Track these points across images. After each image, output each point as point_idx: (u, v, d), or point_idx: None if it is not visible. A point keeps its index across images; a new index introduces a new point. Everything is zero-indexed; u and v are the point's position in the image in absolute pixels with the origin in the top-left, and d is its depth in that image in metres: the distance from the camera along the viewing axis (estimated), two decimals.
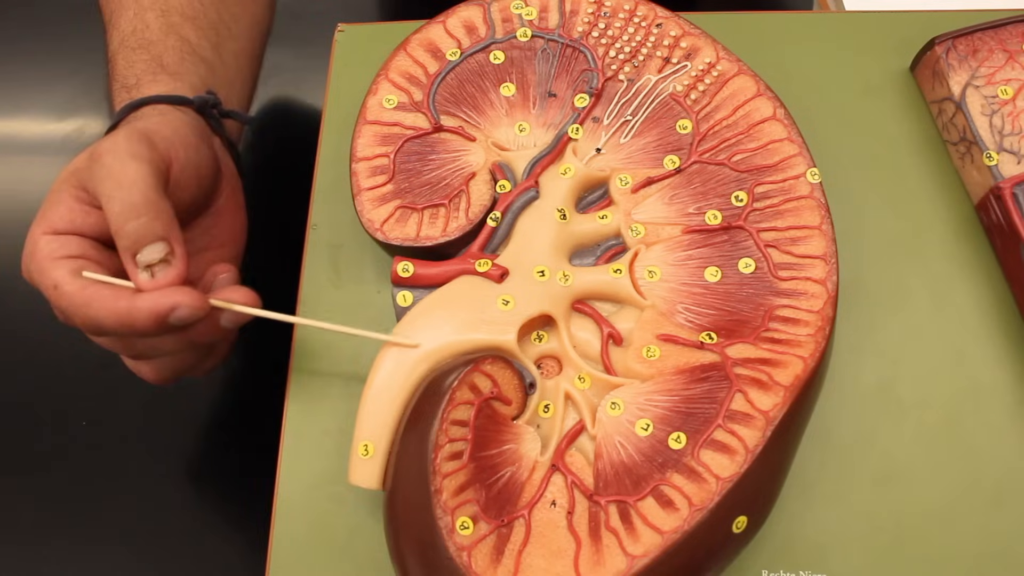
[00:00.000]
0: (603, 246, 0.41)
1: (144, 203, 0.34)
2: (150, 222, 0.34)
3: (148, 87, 0.43)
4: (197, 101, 0.42)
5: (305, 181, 0.46)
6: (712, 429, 0.35)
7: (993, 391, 0.41)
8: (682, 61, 0.44)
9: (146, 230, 0.34)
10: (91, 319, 0.34)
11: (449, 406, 0.35)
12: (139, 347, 0.37)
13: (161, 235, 0.35)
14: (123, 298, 0.34)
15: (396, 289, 0.39)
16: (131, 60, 0.44)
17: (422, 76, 0.44)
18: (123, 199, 0.34)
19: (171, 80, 0.43)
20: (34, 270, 0.36)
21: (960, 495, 0.39)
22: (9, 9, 0.74)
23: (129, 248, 0.34)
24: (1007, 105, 0.44)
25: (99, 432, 0.56)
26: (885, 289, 0.43)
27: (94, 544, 0.53)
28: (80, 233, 0.36)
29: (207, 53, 0.46)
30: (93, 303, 0.34)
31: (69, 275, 0.35)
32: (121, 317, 0.34)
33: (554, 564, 0.33)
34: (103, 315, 0.34)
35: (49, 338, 0.57)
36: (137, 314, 0.34)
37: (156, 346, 0.37)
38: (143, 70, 0.43)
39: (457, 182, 0.41)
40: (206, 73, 0.45)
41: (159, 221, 0.35)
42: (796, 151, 0.41)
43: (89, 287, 0.34)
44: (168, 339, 0.36)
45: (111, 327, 0.34)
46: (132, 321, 0.34)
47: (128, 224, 0.34)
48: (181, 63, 0.44)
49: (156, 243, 0.34)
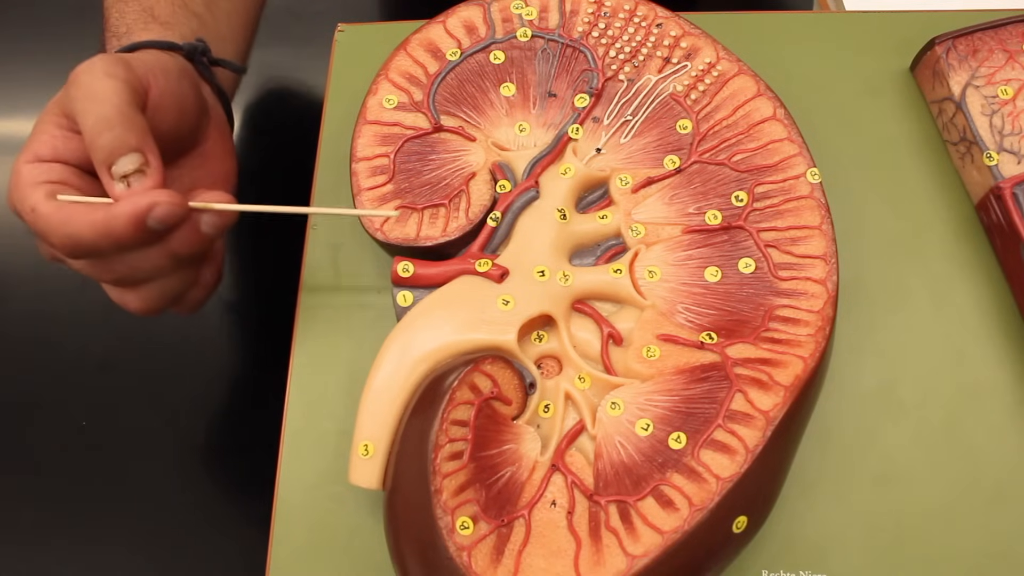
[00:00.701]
0: (603, 246, 0.41)
1: (117, 115, 0.34)
2: (123, 133, 0.34)
3: (138, 35, 0.43)
4: (186, 47, 0.43)
5: (305, 181, 0.46)
6: (712, 429, 0.35)
7: (993, 391, 0.41)
8: (682, 61, 0.44)
9: (119, 141, 0.34)
10: (70, 236, 0.34)
11: (449, 406, 0.35)
12: (121, 268, 0.36)
13: (134, 146, 0.34)
14: (101, 209, 0.34)
15: (396, 289, 0.39)
16: (123, 11, 0.44)
17: (422, 76, 0.44)
18: (96, 112, 0.34)
19: (161, 29, 0.43)
20: (15, 198, 0.35)
21: (960, 495, 0.39)
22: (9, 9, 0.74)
23: (103, 160, 0.34)
24: (1007, 105, 0.44)
25: (99, 432, 0.56)
26: (885, 289, 0.43)
27: (94, 544, 0.53)
28: (62, 160, 0.36)
29: (199, 8, 0.46)
30: (71, 220, 0.34)
31: (46, 197, 0.35)
32: (99, 227, 0.33)
33: (554, 564, 0.33)
34: (82, 229, 0.34)
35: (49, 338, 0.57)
36: (115, 221, 0.33)
37: (138, 264, 0.36)
38: (134, 20, 0.44)
39: (457, 182, 0.41)
40: (197, 26, 0.45)
41: (132, 133, 0.34)
42: (796, 151, 0.41)
43: (66, 206, 0.34)
44: (150, 254, 0.35)
45: (90, 240, 0.34)
46: (111, 229, 0.33)
47: (101, 136, 0.34)
48: (172, 15, 0.45)
49: (130, 154, 0.34)
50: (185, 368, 0.60)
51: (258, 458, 0.43)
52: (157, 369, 0.60)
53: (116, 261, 0.36)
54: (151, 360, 0.60)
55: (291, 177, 0.51)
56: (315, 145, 0.47)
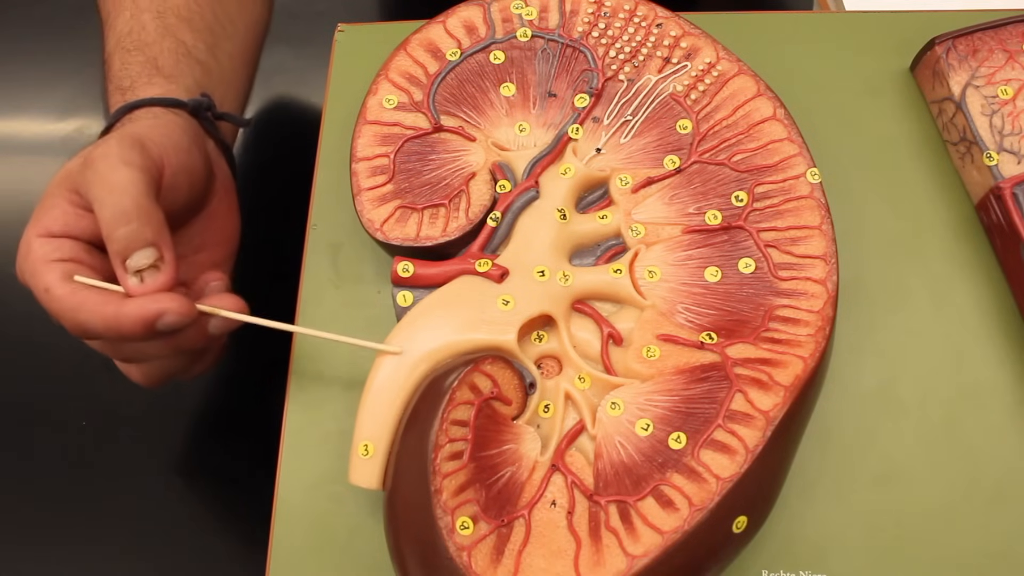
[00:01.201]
0: (603, 246, 0.41)
1: (135, 209, 0.35)
2: (140, 228, 0.35)
3: (143, 89, 0.43)
4: (191, 104, 0.43)
5: (305, 181, 0.46)
6: (712, 429, 0.35)
7: (993, 391, 0.41)
8: (682, 61, 0.44)
9: (136, 236, 0.35)
10: (80, 323, 0.35)
11: (449, 406, 0.35)
12: (128, 351, 0.37)
13: (151, 241, 0.35)
14: (111, 303, 0.34)
15: (396, 289, 0.39)
16: (126, 61, 0.44)
17: (422, 76, 0.44)
18: (114, 204, 0.35)
19: (166, 83, 0.43)
20: (27, 272, 0.36)
21: (960, 495, 0.39)
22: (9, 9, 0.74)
23: (119, 253, 0.35)
24: (1007, 105, 0.44)
25: (99, 432, 0.56)
26: (885, 289, 0.43)
27: (94, 544, 0.53)
28: (73, 236, 0.36)
29: (203, 55, 0.46)
30: (82, 308, 0.34)
31: (60, 279, 0.35)
32: (109, 322, 0.34)
33: (554, 564, 0.33)
34: (92, 320, 0.34)
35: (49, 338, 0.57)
36: (124, 320, 0.34)
37: (144, 351, 0.37)
38: (138, 72, 0.43)
39: (457, 182, 0.41)
40: (201, 75, 0.45)
41: (149, 227, 0.35)
42: (796, 151, 0.41)
43: (79, 291, 0.35)
44: (156, 344, 0.36)
45: (99, 331, 0.35)
46: (119, 326, 0.34)
47: (118, 230, 0.34)
48: (176, 65, 0.44)
49: (145, 249, 0.35)
50: None
51: (258, 458, 0.43)
52: None
53: (123, 346, 0.37)
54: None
55: (291, 177, 0.50)
56: (315, 145, 0.47)
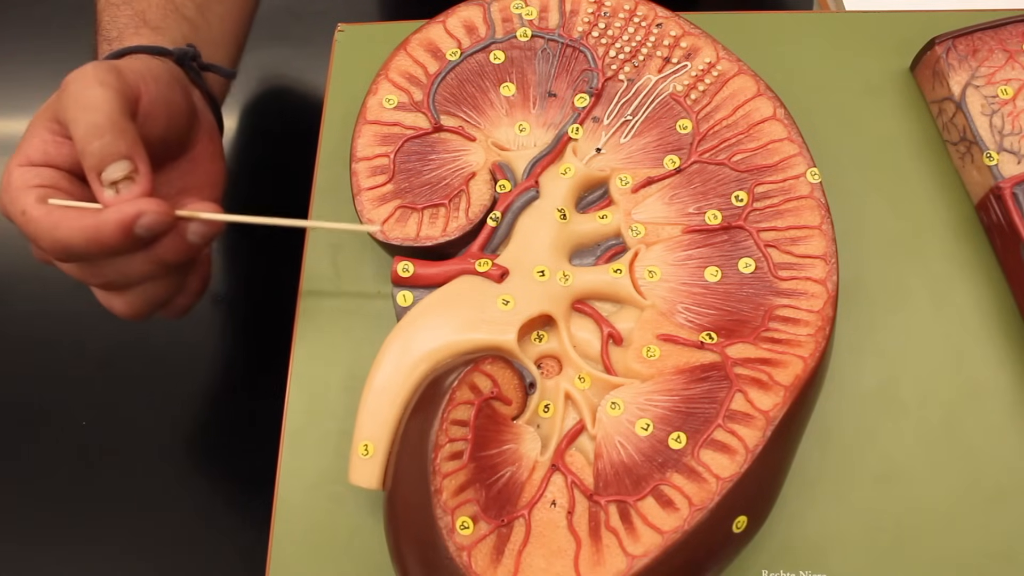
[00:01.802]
0: (603, 246, 0.41)
1: (108, 123, 0.35)
2: (113, 141, 0.35)
3: (130, 39, 0.43)
4: (176, 52, 0.43)
5: (305, 181, 0.46)
6: (712, 429, 0.35)
7: (993, 391, 0.41)
8: (682, 61, 0.44)
9: (110, 148, 0.35)
10: (59, 240, 0.35)
11: (449, 406, 0.35)
12: (109, 273, 0.37)
13: (124, 153, 0.35)
14: (89, 215, 0.34)
15: (396, 289, 0.39)
16: (114, 15, 0.45)
17: (422, 76, 0.44)
18: (87, 120, 0.35)
19: (153, 34, 0.44)
20: (5, 200, 0.36)
21: (960, 495, 0.39)
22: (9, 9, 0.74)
23: (94, 167, 0.35)
24: (1007, 105, 0.44)
25: (99, 432, 0.56)
26: (885, 289, 0.43)
27: (94, 544, 0.53)
28: (53, 164, 0.37)
29: (190, 12, 0.47)
30: (60, 224, 0.34)
31: (36, 201, 0.35)
32: (87, 233, 0.34)
33: (554, 564, 0.33)
34: (71, 234, 0.34)
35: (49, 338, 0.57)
36: (103, 227, 0.34)
37: (125, 270, 0.37)
38: (125, 24, 0.44)
39: (457, 182, 0.41)
40: (189, 31, 0.46)
41: (123, 140, 0.35)
42: (796, 151, 0.41)
43: (56, 210, 0.35)
44: (137, 260, 0.36)
45: (79, 245, 0.35)
46: (99, 235, 0.34)
47: (92, 144, 0.35)
48: (164, 19, 0.45)
49: (120, 161, 0.35)
50: (185, 368, 0.60)
51: (258, 458, 0.43)
52: (157, 369, 0.60)
53: (104, 266, 0.36)
54: (151, 360, 0.60)
55: (291, 177, 0.51)
56: (315, 145, 0.47)
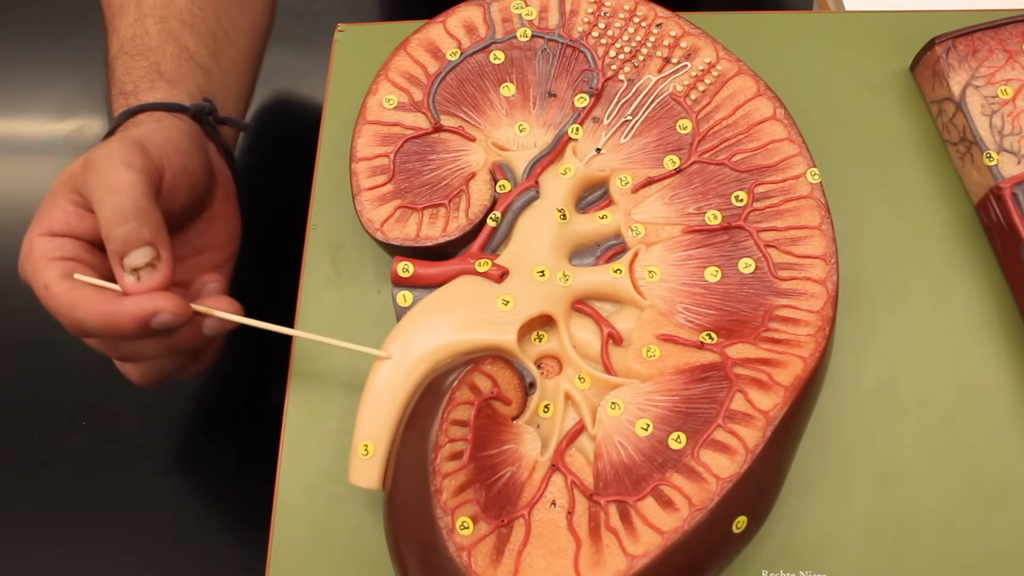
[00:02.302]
0: (603, 246, 0.41)
1: (133, 209, 0.35)
2: (138, 227, 0.35)
3: (145, 94, 0.43)
4: (193, 108, 0.43)
5: (305, 181, 0.46)
6: (712, 429, 0.35)
7: (993, 391, 0.41)
8: (682, 61, 0.44)
9: (134, 235, 0.35)
10: (77, 320, 0.35)
11: (449, 406, 0.35)
12: (124, 350, 0.38)
13: (148, 240, 0.35)
14: (108, 301, 0.35)
15: (396, 289, 0.39)
16: (129, 66, 0.45)
17: (422, 76, 0.44)
18: (113, 204, 0.35)
19: (168, 88, 0.44)
20: (28, 270, 0.37)
21: (960, 495, 0.39)
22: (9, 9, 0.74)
23: (117, 252, 0.35)
24: (1007, 105, 0.44)
25: (99, 432, 0.56)
26: (885, 289, 0.43)
27: (94, 544, 0.53)
28: (75, 236, 0.37)
29: (205, 59, 0.46)
30: (80, 305, 0.35)
31: (59, 276, 0.36)
32: (105, 320, 0.35)
33: (554, 564, 0.33)
34: (88, 317, 0.35)
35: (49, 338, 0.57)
36: (120, 317, 0.35)
37: (140, 350, 0.38)
38: (141, 77, 0.44)
39: (457, 182, 0.41)
40: (203, 80, 0.46)
41: (147, 227, 0.35)
42: (796, 151, 0.41)
43: (77, 289, 0.35)
44: (152, 343, 0.37)
45: (95, 329, 0.35)
46: (115, 324, 0.35)
47: (117, 229, 0.35)
48: (178, 70, 0.45)
49: (143, 248, 0.35)
50: None
51: (258, 458, 0.43)
52: None
53: (120, 345, 0.37)
54: None
55: (291, 177, 0.50)
56: (315, 145, 0.47)
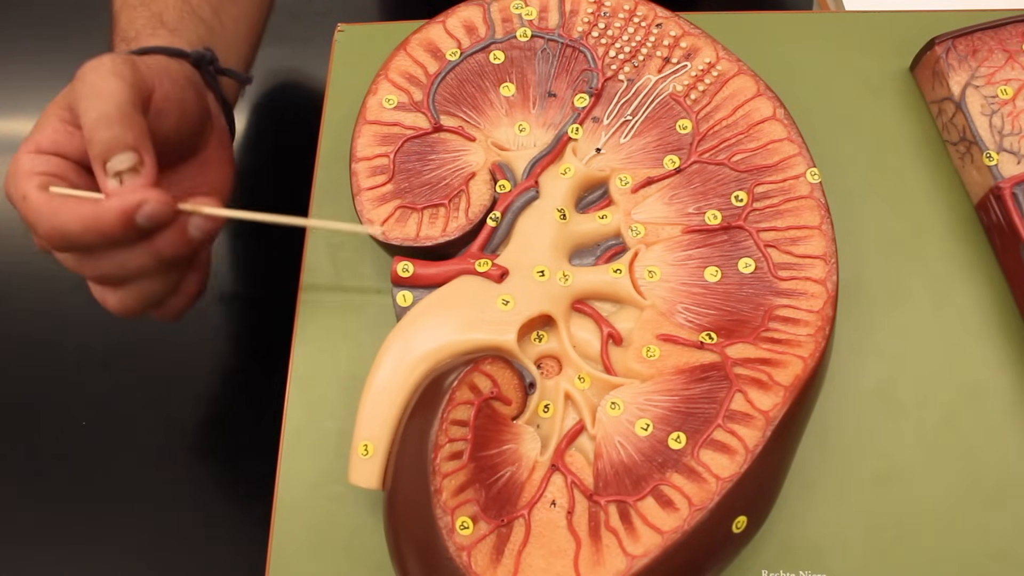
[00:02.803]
0: (603, 246, 0.41)
1: (117, 114, 0.35)
2: (122, 131, 0.35)
3: (147, 40, 0.43)
4: (193, 55, 0.43)
5: (305, 181, 0.46)
6: (712, 429, 0.35)
7: (993, 391, 0.41)
8: (682, 61, 0.44)
9: (117, 139, 0.35)
10: (58, 227, 0.34)
11: (449, 406, 0.35)
12: (105, 265, 0.37)
13: (131, 144, 0.35)
14: (90, 203, 0.34)
15: (396, 289, 0.39)
16: (132, 16, 0.45)
17: (422, 76, 0.44)
18: (97, 109, 0.35)
19: (170, 35, 0.44)
20: (9, 184, 0.36)
21: (960, 495, 0.39)
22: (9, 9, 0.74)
23: (99, 156, 0.35)
24: (1007, 105, 0.44)
25: (99, 432, 0.56)
26: (885, 289, 0.43)
27: (94, 544, 0.53)
28: (62, 153, 0.37)
29: (206, 14, 0.47)
30: (60, 211, 0.34)
31: (38, 188, 0.35)
32: (87, 220, 0.34)
33: (554, 564, 0.33)
34: (70, 220, 0.34)
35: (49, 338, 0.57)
36: (103, 215, 0.34)
37: (123, 263, 0.36)
38: (143, 24, 0.44)
39: (457, 182, 0.41)
40: (205, 33, 0.46)
41: (131, 131, 0.35)
42: (796, 151, 0.41)
43: (57, 197, 0.35)
44: (135, 252, 0.36)
45: (78, 233, 0.34)
46: (99, 222, 0.34)
47: (99, 132, 0.35)
48: (180, 21, 0.45)
49: (126, 152, 0.35)
50: (185, 368, 0.60)
51: (258, 458, 0.43)
52: (157, 369, 0.60)
53: (101, 257, 0.36)
54: (151, 360, 0.60)
55: (291, 177, 0.51)
56: (315, 145, 0.47)
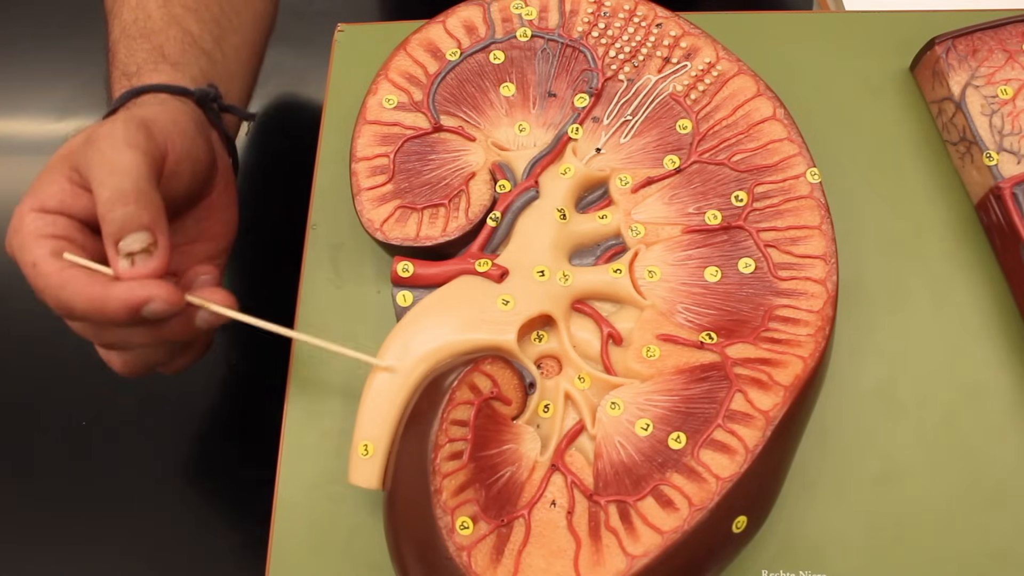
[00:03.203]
0: (603, 246, 0.41)
1: (134, 191, 0.34)
2: (137, 211, 0.34)
3: (149, 76, 0.43)
4: (197, 93, 0.42)
5: (305, 181, 0.46)
6: (712, 429, 0.35)
7: (993, 391, 0.41)
8: (682, 61, 0.44)
9: (132, 218, 0.34)
10: (64, 302, 0.34)
11: (449, 406, 0.35)
12: (110, 336, 0.37)
13: (146, 225, 0.34)
14: (98, 284, 0.34)
15: (396, 289, 0.39)
16: (132, 49, 0.44)
17: (422, 76, 0.44)
18: (113, 185, 0.34)
19: (172, 70, 0.43)
20: (16, 246, 0.35)
21: (960, 495, 0.39)
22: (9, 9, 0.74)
23: (113, 235, 0.34)
24: (1007, 105, 0.44)
25: (99, 432, 0.56)
26: (885, 289, 0.43)
27: (93, 544, 0.53)
28: (68, 214, 0.36)
29: (208, 46, 0.46)
30: (68, 286, 0.34)
31: (49, 254, 0.34)
32: (94, 303, 0.34)
33: (554, 564, 0.33)
34: (76, 299, 0.34)
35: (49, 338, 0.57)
36: (110, 302, 0.33)
37: (127, 338, 0.36)
38: (144, 59, 0.43)
39: (457, 182, 0.41)
40: (207, 65, 0.45)
41: (146, 211, 0.34)
42: (796, 151, 0.41)
43: (67, 269, 0.34)
44: (140, 332, 0.36)
45: (83, 312, 0.34)
46: (104, 308, 0.34)
47: (115, 210, 0.34)
48: (183, 54, 0.44)
49: (140, 232, 0.34)
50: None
51: (258, 458, 0.43)
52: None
53: (106, 331, 0.36)
54: None
55: (291, 177, 0.51)
56: (315, 145, 0.47)
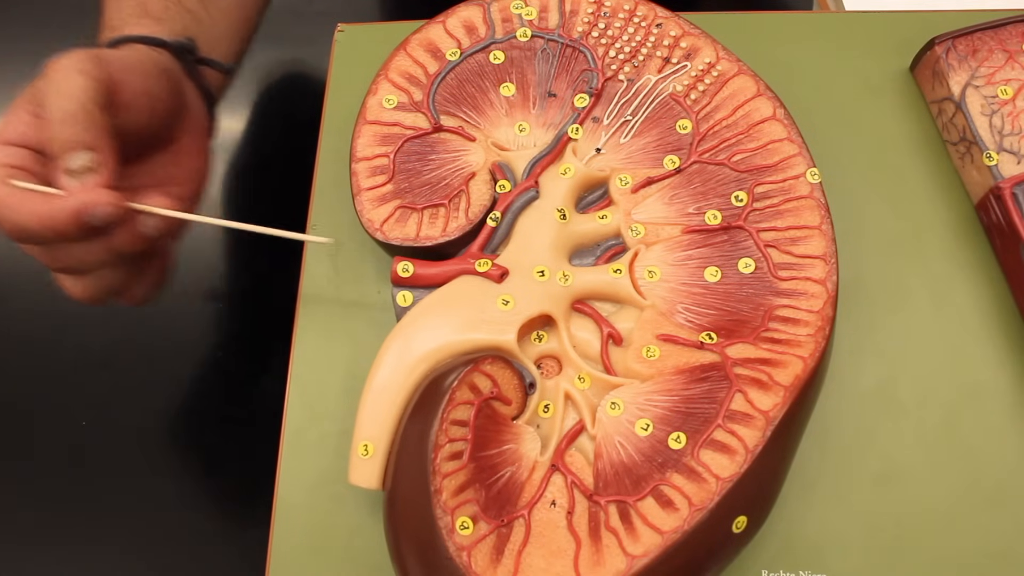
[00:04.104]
0: (603, 246, 0.41)
1: (79, 112, 0.35)
2: (81, 131, 0.35)
3: (130, 29, 0.44)
4: (173, 44, 0.44)
5: (305, 181, 0.46)
6: (712, 429, 0.35)
7: (993, 391, 0.41)
8: (682, 61, 0.44)
9: (76, 138, 0.35)
10: (15, 223, 0.35)
11: (449, 406, 0.35)
12: (64, 257, 0.38)
13: (90, 144, 0.35)
14: (46, 201, 0.35)
15: (396, 289, 0.39)
16: (119, 5, 0.45)
17: (422, 76, 0.44)
18: (60, 107, 0.35)
19: (153, 24, 0.44)
20: None
21: (960, 495, 0.39)
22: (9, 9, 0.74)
23: (57, 154, 0.35)
24: (1007, 105, 0.44)
25: (99, 432, 0.56)
26: (885, 289, 0.43)
27: (94, 544, 0.53)
28: (28, 145, 0.37)
29: (193, 5, 0.47)
30: (18, 207, 0.35)
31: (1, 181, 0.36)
32: (43, 219, 0.35)
33: (554, 564, 0.33)
34: (27, 218, 0.35)
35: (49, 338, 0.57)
36: (57, 214, 0.35)
37: (81, 256, 0.37)
38: (128, 14, 0.45)
39: (457, 182, 0.41)
40: (191, 23, 0.46)
41: (90, 131, 0.35)
42: (796, 151, 0.41)
43: (17, 192, 0.35)
44: (92, 248, 0.37)
45: (34, 230, 0.35)
46: (53, 222, 0.35)
47: (60, 131, 0.35)
48: (166, 11, 0.45)
49: (84, 151, 0.35)
50: (185, 368, 0.60)
51: (258, 458, 0.43)
52: (156, 369, 0.60)
53: (61, 251, 0.37)
54: (151, 360, 0.60)
55: (291, 177, 0.51)
56: (315, 145, 0.47)
